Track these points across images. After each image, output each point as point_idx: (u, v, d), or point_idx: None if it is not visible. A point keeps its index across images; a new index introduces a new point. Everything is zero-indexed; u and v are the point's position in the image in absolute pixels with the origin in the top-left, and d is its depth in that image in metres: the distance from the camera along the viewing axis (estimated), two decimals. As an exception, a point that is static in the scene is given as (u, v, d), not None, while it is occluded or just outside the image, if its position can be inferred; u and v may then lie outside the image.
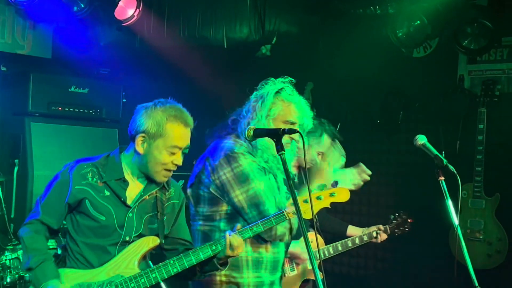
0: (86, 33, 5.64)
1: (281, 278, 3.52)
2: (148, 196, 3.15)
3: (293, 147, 3.36)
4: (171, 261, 3.01)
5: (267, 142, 3.28)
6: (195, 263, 3.02)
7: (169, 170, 3.10)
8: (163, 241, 3.14)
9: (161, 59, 6.07)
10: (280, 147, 2.71)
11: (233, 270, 3.31)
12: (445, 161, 3.17)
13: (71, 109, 5.56)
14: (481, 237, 5.54)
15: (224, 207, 3.33)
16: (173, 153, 3.05)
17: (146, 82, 6.38)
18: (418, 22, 5.32)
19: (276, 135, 2.74)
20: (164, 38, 5.88)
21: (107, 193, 3.07)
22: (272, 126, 3.27)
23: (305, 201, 2.95)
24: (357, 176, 3.89)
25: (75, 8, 5.24)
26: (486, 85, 5.62)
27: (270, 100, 3.33)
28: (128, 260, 3.02)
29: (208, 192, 3.35)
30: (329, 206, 3.08)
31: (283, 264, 4.22)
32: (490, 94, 5.58)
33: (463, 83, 5.97)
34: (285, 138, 3.18)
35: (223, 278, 3.33)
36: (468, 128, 5.78)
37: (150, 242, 3.08)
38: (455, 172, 3.11)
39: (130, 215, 3.08)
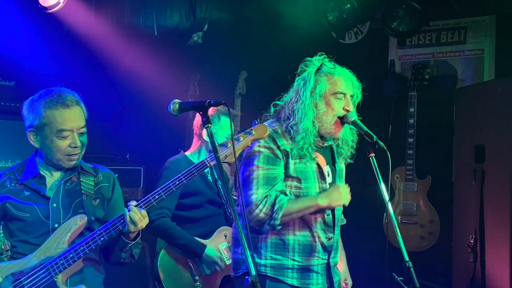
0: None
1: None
2: (71, 184, 3.17)
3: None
4: (98, 232, 2.99)
5: (311, 126, 3.24)
6: (121, 229, 3.00)
7: (72, 154, 3.11)
8: (92, 218, 3.13)
9: (90, 47, 5.91)
10: (206, 120, 2.64)
11: None
12: (375, 137, 3.15)
13: (-4, 103, 5.35)
14: (414, 220, 5.64)
15: None
16: (64, 137, 3.07)
17: (75, 73, 6.19)
18: (348, 5, 5.34)
19: (202, 108, 2.68)
20: (92, 25, 5.72)
21: (26, 193, 3.11)
22: (321, 104, 3.27)
23: (222, 146, 2.95)
24: None
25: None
26: (416, 69, 5.72)
27: (312, 79, 3.29)
28: (57, 241, 3.01)
29: None
30: (250, 145, 3.06)
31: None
32: (420, 78, 5.68)
33: (393, 68, 6.06)
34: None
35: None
36: (400, 112, 5.86)
37: (78, 220, 3.06)
38: (385, 148, 3.10)
39: (55, 205, 3.10)
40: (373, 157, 3.17)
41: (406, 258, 2.97)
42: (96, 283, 3.18)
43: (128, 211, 2.97)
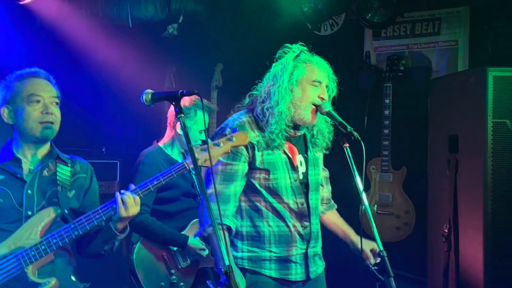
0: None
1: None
2: (47, 172, 3.13)
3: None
4: (72, 225, 2.96)
5: (286, 110, 3.22)
6: (96, 224, 2.97)
7: (46, 122, 3.06)
8: (65, 211, 3.10)
9: (64, 39, 5.85)
10: (179, 110, 2.63)
11: None
12: (349, 127, 3.14)
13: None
14: (389, 211, 5.68)
15: None
16: (35, 102, 3.04)
17: (49, 66, 6.12)
18: (324, -4, 5.36)
19: (174, 98, 2.66)
20: (66, 17, 5.66)
21: (1, 177, 3.05)
22: (297, 89, 3.24)
23: (203, 150, 2.95)
24: None
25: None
26: (391, 61, 5.75)
27: (290, 64, 3.25)
28: (29, 232, 2.97)
29: None
30: (230, 151, 3.07)
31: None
32: (395, 69, 5.71)
33: (369, 59, 6.08)
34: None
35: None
36: (375, 104, 5.89)
37: (51, 212, 3.03)
38: (359, 138, 3.10)
39: (30, 192, 3.06)
40: (348, 148, 3.16)
41: (381, 247, 2.98)
42: (67, 273, 3.14)
43: (121, 194, 2.96)
